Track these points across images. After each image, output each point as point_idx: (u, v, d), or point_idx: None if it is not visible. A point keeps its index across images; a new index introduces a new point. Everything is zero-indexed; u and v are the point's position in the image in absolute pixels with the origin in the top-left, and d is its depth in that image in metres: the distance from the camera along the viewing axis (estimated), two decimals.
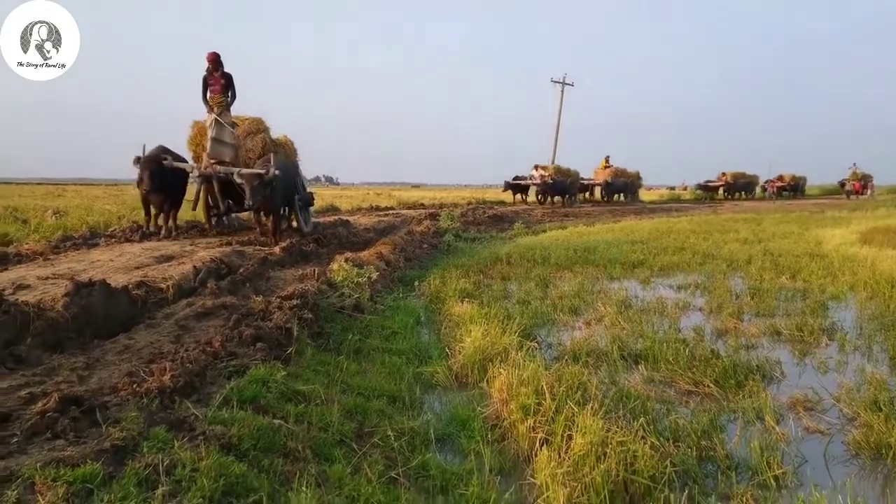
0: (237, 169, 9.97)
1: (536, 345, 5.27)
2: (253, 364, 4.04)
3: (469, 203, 28.13)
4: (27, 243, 8.77)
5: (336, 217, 16.89)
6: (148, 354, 4.06)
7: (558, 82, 40.74)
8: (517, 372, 4.21)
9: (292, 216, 12.17)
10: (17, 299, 4.36)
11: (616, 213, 25.35)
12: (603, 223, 19.39)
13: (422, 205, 26.38)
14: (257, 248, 8.73)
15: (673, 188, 55.78)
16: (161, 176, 9.94)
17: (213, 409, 3.28)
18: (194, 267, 6.59)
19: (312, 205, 12.99)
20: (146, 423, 2.91)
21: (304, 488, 2.67)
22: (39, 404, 2.94)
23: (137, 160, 9.89)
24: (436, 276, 8.46)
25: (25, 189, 34.44)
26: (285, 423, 3.33)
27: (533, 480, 3.19)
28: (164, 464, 2.54)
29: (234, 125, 10.94)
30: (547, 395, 3.81)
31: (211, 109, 10.59)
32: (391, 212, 21.39)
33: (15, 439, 2.66)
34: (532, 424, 3.65)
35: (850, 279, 8.25)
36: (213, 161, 10.40)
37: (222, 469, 2.63)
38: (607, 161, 35.56)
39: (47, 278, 5.84)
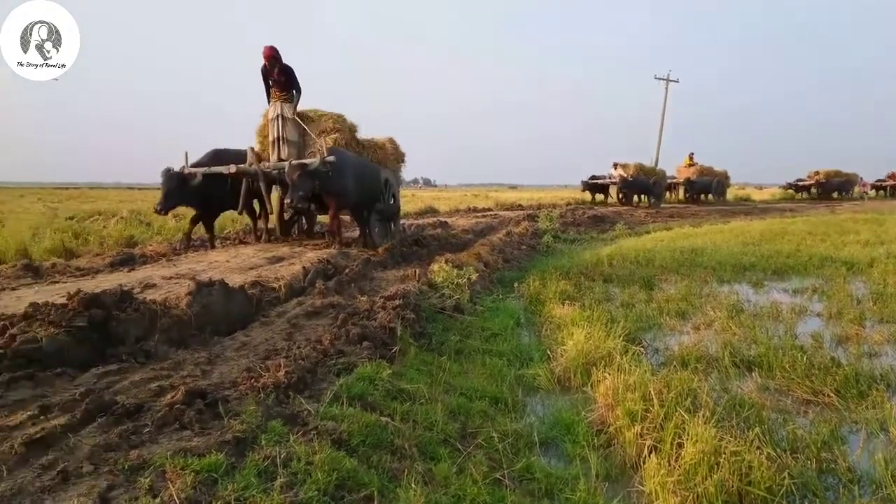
0: (279, 163, 8.92)
1: (642, 349, 5.15)
2: (360, 362, 4.16)
3: (568, 204, 27.77)
4: (151, 245, 9.41)
5: (435, 219, 17.12)
6: (263, 351, 4.26)
7: (662, 79, 39.38)
8: (623, 377, 4.14)
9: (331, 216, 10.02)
10: (145, 298, 4.67)
11: (725, 214, 24.35)
12: (711, 224, 18.69)
13: (519, 206, 26.32)
14: (361, 249, 8.97)
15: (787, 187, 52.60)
16: (199, 188, 8.77)
17: (325, 404, 3.41)
18: (303, 267, 6.86)
19: (397, 215, 11.77)
20: (264, 417, 3.06)
21: (412, 485, 2.74)
22: (168, 397, 3.15)
23: (167, 172, 8.75)
24: (535, 277, 8.40)
25: (148, 194, 36.86)
26: (392, 420, 3.42)
27: (641, 488, 3.13)
28: (282, 456, 2.67)
29: (299, 121, 10.01)
30: (655, 402, 3.72)
31: (273, 104, 9.69)
32: (489, 213, 21.43)
33: (146, 429, 2.85)
34: (639, 431, 3.57)
35: None
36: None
37: (335, 463, 2.73)
38: (691, 158, 33.92)
39: (171, 278, 6.22)
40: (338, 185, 8.78)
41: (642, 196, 29.02)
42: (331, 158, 8.55)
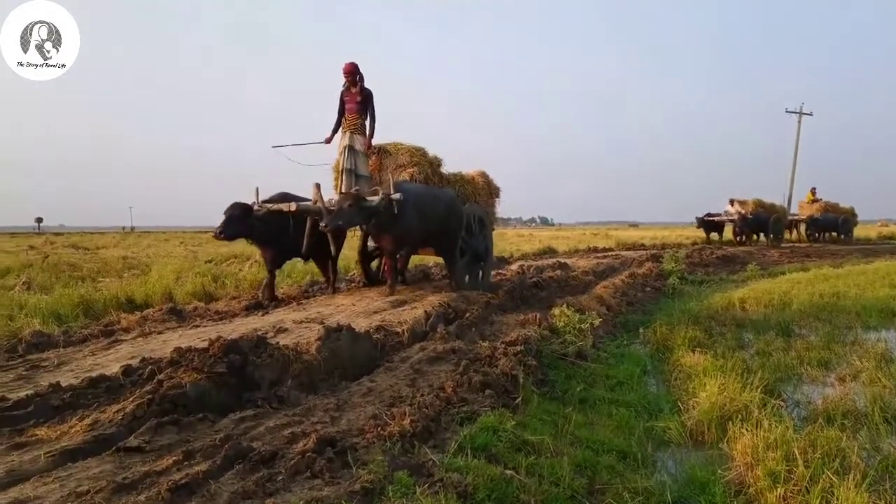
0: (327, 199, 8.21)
1: (782, 403, 4.81)
2: (482, 411, 4.12)
3: (694, 243, 26.69)
4: (282, 288, 9.84)
5: (554, 259, 16.93)
6: (388, 398, 4.31)
7: (794, 112, 37.23)
8: (762, 433, 3.88)
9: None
10: (277, 343, 4.86)
11: (868, 253, 22.51)
12: (852, 264, 17.33)
13: (642, 245, 25.60)
14: (480, 292, 8.98)
15: None
16: (266, 227, 8.19)
17: (449, 455, 3.38)
18: (425, 312, 6.93)
19: (486, 257, 10.35)
20: (390, 467, 3.08)
21: None
22: (300, 444, 3.24)
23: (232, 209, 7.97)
24: (661, 322, 8.09)
25: None
26: (517, 474, 3.35)
27: None
28: None
29: (370, 154, 9.40)
30: (799, 462, 3.46)
31: (343, 133, 9.10)
32: (609, 253, 20.94)
33: (280, 477, 2.92)
34: (783, 494, 3.33)
35: None
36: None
37: None
38: (813, 193, 31.61)
39: (301, 322, 6.46)
40: (401, 224, 8.04)
41: (761, 234, 27.41)
42: (396, 196, 7.85)
